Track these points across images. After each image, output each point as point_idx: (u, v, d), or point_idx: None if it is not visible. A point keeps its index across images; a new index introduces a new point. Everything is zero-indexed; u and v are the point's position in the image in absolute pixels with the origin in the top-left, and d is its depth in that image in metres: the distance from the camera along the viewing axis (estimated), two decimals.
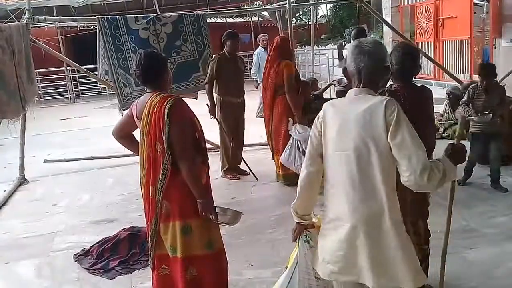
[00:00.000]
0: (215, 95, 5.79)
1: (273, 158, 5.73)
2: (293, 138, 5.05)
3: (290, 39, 5.59)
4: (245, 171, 6.04)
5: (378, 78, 2.10)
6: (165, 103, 2.62)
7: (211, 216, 2.72)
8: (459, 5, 9.87)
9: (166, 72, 2.83)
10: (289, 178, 5.40)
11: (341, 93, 3.70)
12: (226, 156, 5.91)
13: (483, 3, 11.03)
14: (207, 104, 5.75)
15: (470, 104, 4.87)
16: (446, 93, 7.59)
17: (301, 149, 4.96)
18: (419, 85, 2.93)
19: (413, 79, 2.93)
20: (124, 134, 2.98)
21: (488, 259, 3.46)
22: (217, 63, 5.64)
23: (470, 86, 5.03)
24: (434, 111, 3.01)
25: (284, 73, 5.23)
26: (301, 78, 5.65)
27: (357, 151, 1.95)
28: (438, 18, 10.46)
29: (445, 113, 7.40)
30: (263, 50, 9.95)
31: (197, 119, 2.85)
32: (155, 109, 2.64)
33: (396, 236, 1.96)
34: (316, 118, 2.11)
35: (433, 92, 3.04)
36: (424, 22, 10.98)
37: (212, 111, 5.74)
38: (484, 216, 4.23)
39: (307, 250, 2.35)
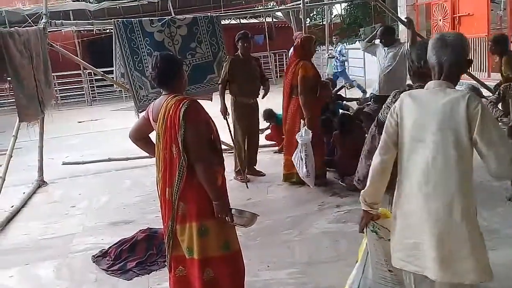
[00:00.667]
0: (228, 96, 5.79)
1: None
2: (299, 142, 5.03)
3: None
4: (261, 172, 6.02)
5: (459, 71, 2.13)
6: (181, 105, 2.64)
7: (227, 218, 2.73)
8: (476, 2, 9.73)
9: (182, 74, 2.85)
10: (290, 177, 5.43)
11: (368, 116, 3.63)
12: (239, 157, 5.87)
13: (500, 0, 10.85)
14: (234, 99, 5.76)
15: (500, 105, 4.65)
16: None
17: (302, 154, 4.94)
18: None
19: None
20: (140, 136, 3.01)
21: (509, 261, 3.40)
22: (230, 64, 5.65)
23: (502, 86, 4.81)
24: None
25: (300, 73, 5.19)
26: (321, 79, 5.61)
27: (435, 142, 1.99)
28: (455, 15, 10.34)
29: None
30: None
31: (212, 121, 2.86)
32: (171, 111, 2.66)
33: (467, 229, 1.98)
34: (392, 107, 2.14)
35: None
36: (440, 20, 10.85)
37: (224, 112, 5.74)
38: (505, 216, 4.16)
39: (376, 240, 2.35)
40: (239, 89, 5.71)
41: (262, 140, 7.50)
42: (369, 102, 6.13)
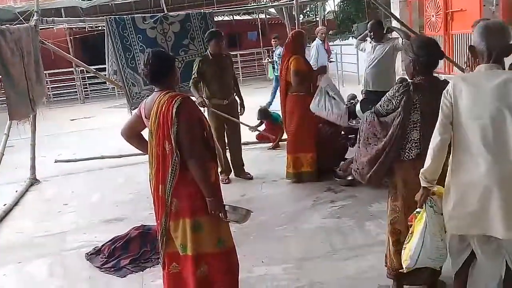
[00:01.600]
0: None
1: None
2: (322, 87, 5.05)
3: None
4: (249, 174, 5.84)
5: (505, 54, 2.31)
6: (173, 102, 2.63)
7: (220, 214, 2.72)
8: None
9: (174, 71, 2.84)
10: (295, 175, 5.44)
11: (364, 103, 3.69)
12: (219, 158, 5.66)
13: None
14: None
15: None
16: None
17: (330, 95, 5.02)
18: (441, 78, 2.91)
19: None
20: (133, 134, 2.99)
21: None
22: (199, 66, 5.40)
23: None
24: None
25: (292, 67, 5.19)
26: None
27: (492, 118, 2.19)
28: (447, 11, 10.34)
29: None
30: (320, 42, 9.85)
31: (205, 117, 2.86)
32: (163, 108, 2.64)
33: None
34: (445, 91, 2.34)
35: None
36: (433, 15, 10.86)
37: (203, 103, 5.31)
38: None
39: (433, 214, 2.51)
40: (210, 90, 5.50)
41: (253, 137, 7.53)
42: (353, 100, 6.11)
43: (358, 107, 3.72)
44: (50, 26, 13.95)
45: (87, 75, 16.59)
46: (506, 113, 2.17)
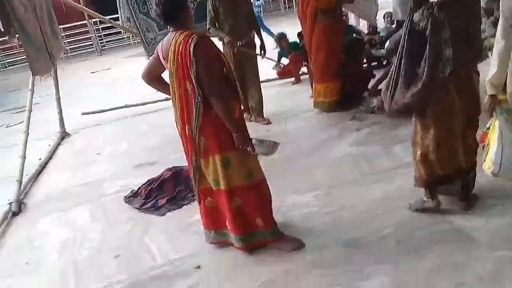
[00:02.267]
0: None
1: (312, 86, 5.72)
2: None
3: None
4: (267, 120, 5.58)
5: None
6: (190, 41, 2.61)
7: (248, 148, 2.78)
8: None
9: (187, 9, 2.80)
10: (324, 104, 5.46)
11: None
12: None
13: None
14: (223, 42, 5.22)
15: None
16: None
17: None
18: None
19: None
20: (153, 77, 3.00)
21: None
22: (212, 3, 5.15)
23: None
24: None
25: None
26: None
27: None
28: None
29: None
30: None
31: (223, 54, 2.85)
32: (181, 48, 2.64)
33: None
34: None
35: None
36: None
37: (233, 40, 5.15)
38: None
39: (505, 121, 2.56)
40: (224, 30, 5.22)
41: (272, 74, 7.46)
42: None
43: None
44: None
45: (101, 27, 16.45)
46: None
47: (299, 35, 6.97)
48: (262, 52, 5.66)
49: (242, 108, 5.38)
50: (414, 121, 2.98)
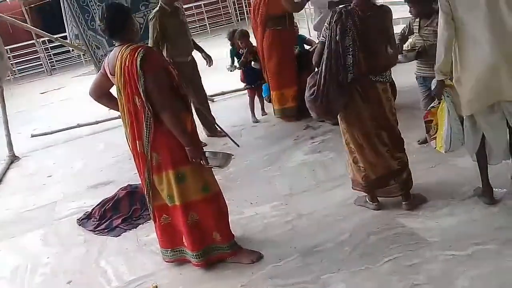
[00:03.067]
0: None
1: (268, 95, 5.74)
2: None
3: None
4: (221, 132, 5.09)
5: None
6: (136, 54, 2.57)
7: (201, 161, 2.75)
8: None
9: (132, 22, 2.76)
10: (284, 112, 5.49)
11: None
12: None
13: None
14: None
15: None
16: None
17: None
18: (378, 3, 3.02)
19: None
20: (101, 94, 2.94)
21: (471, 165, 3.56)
22: (159, 20, 4.82)
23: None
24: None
25: None
26: None
27: (488, 6, 2.55)
28: None
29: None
30: None
31: (172, 67, 2.82)
32: (127, 62, 2.59)
33: None
34: None
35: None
36: None
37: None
38: None
39: (451, 102, 2.87)
40: (175, 47, 4.96)
41: (225, 85, 7.42)
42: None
43: None
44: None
45: (50, 46, 15.98)
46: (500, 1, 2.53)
47: None
48: (209, 61, 5.52)
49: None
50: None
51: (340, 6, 2.95)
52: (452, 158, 3.69)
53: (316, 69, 3.07)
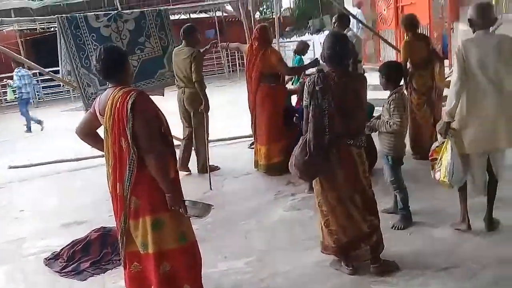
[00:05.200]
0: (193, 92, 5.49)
1: (251, 146, 5.80)
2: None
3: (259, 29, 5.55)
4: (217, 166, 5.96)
5: (491, 25, 3.45)
6: (128, 97, 2.59)
7: (180, 209, 2.71)
8: None
9: (127, 65, 2.80)
10: (270, 168, 5.50)
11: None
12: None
13: None
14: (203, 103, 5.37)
15: None
16: None
17: None
18: (357, 72, 3.22)
19: (352, 64, 3.26)
20: (88, 132, 2.93)
21: (449, 236, 3.59)
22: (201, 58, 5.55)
23: None
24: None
25: (274, 58, 5.35)
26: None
27: (492, 66, 3.22)
28: (398, 5, 10.65)
29: None
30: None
31: (162, 112, 2.82)
32: (118, 104, 2.60)
33: None
34: (456, 49, 3.32)
35: None
36: (384, 9, 11.16)
37: (207, 108, 5.42)
38: (447, 196, 4.35)
39: (454, 142, 3.36)
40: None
41: (216, 134, 7.47)
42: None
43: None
44: None
45: (41, 78, 16.02)
46: (501, 63, 3.22)
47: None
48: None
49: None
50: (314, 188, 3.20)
51: (317, 69, 3.09)
52: (428, 228, 3.73)
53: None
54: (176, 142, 7.16)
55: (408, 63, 5.35)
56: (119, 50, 2.86)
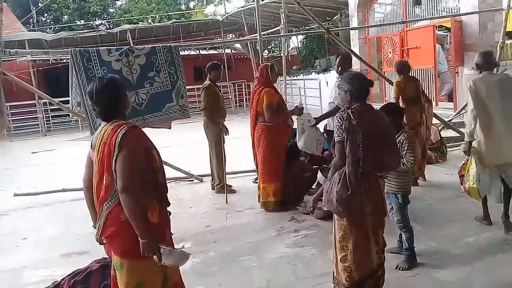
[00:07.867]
0: (205, 119, 6.45)
1: (255, 181, 5.99)
2: (302, 128, 5.42)
3: (273, 67, 5.65)
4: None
5: (494, 67, 4.68)
6: (118, 130, 2.45)
7: (154, 256, 2.49)
8: (423, 36, 10.29)
9: (127, 104, 2.69)
10: (267, 204, 5.53)
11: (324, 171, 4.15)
12: (222, 173, 6.35)
13: (447, 33, 11.52)
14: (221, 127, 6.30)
15: None
16: None
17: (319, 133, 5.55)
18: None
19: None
20: (90, 184, 2.71)
21: (457, 279, 3.55)
22: (208, 93, 6.35)
23: None
24: None
25: (265, 100, 5.37)
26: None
27: (500, 98, 4.16)
28: (403, 48, 10.87)
29: None
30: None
31: (156, 149, 2.62)
32: (107, 137, 2.48)
33: None
34: (468, 86, 4.22)
35: None
36: (390, 52, 11.38)
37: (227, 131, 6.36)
38: (452, 237, 4.34)
39: (477, 158, 4.24)
40: (221, 112, 6.46)
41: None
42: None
43: (319, 174, 4.33)
44: (12, 58, 13.79)
45: (50, 108, 16.29)
46: (506, 96, 4.14)
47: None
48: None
49: (222, 184, 6.20)
50: (334, 224, 3.13)
51: (346, 106, 3.11)
52: (434, 270, 3.69)
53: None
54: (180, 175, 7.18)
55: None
56: (114, 88, 2.63)
